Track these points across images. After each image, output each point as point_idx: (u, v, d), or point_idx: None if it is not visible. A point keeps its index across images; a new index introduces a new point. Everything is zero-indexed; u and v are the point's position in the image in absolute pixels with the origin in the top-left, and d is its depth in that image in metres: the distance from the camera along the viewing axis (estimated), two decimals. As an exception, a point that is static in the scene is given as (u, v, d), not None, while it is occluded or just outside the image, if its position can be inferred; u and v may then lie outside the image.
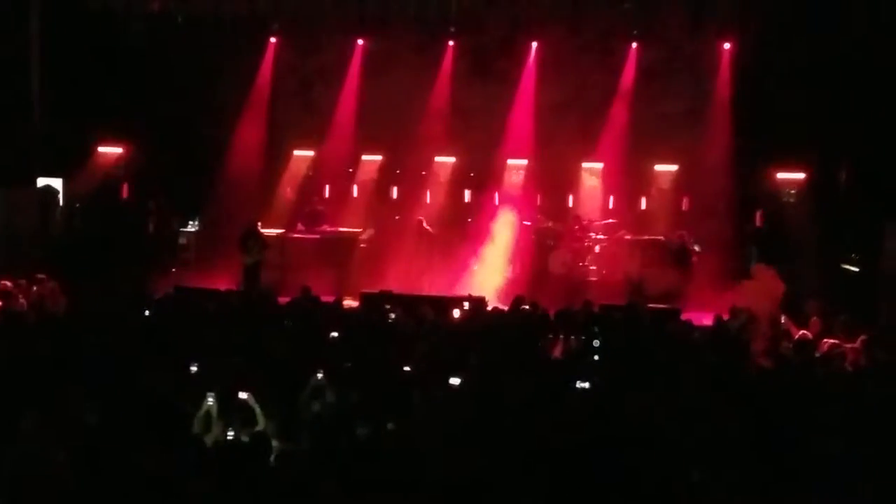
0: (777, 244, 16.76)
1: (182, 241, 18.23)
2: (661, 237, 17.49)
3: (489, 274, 17.37)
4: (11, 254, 15.64)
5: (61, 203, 17.73)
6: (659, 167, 18.39)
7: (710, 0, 16.06)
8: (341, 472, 6.35)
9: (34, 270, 13.49)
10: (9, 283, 12.13)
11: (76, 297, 12.44)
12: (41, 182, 17.51)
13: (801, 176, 17.39)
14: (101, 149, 18.06)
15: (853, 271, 16.11)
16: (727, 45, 17.97)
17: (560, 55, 18.32)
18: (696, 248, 17.00)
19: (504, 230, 17.88)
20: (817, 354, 10.52)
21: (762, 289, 13.79)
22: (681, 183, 18.29)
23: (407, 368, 9.50)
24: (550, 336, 10.78)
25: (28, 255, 15.71)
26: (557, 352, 10.40)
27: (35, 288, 12.57)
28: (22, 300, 11.83)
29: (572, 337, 10.70)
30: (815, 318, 12.10)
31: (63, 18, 17.21)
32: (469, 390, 8.84)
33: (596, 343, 10.50)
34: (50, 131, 17.20)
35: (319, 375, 8.64)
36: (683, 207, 18.16)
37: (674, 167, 18.36)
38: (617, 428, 7.51)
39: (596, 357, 10.06)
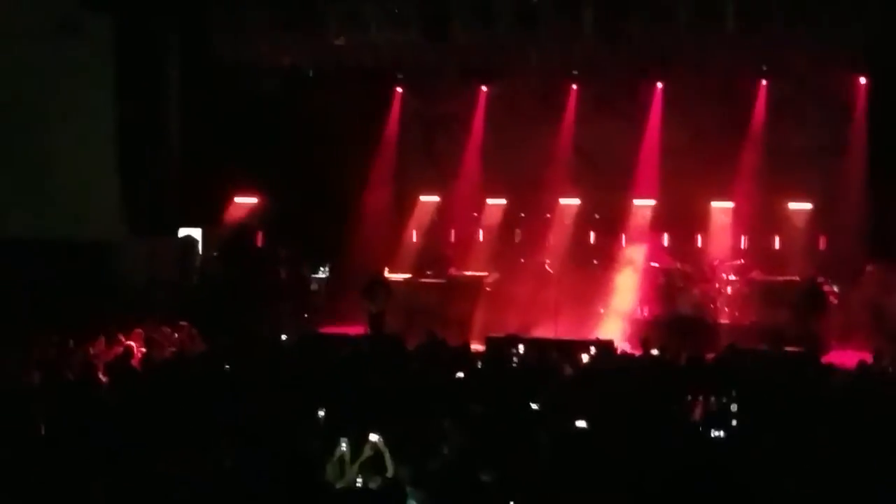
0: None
1: (313, 287, 18.68)
2: (797, 278, 16.91)
3: (617, 317, 17.18)
4: (154, 301, 16.29)
5: (200, 252, 18.44)
6: (793, 205, 17.86)
7: (839, 33, 15.49)
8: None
9: (175, 317, 14.04)
10: (151, 331, 12.67)
11: (214, 343, 12.87)
12: (182, 232, 18.27)
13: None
14: (237, 199, 18.73)
15: None
16: (862, 80, 17.42)
17: (685, 94, 18.12)
18: (835, 287, 16.39)
19: (632, 272, 17.68)
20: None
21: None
22: (816, 221, 17.72)
23: (535, 407, 9.46)
24: (689, 398, 10.50)
25: (169, 303, 16.36)
26: (697, 414, 10.11)
27: (176, 335, 13.07)
28: (168, 347, 12.31)
29: (712, 399, 10.37)
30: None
31: (200, 72, 17.94)
32: (598, 435, 8.73)
33: (734, 407, 10.13)
34: (189, 183, 17.90)
35: (447, 422, 8.70)
36: (820, 247, 17.57)
37: (808, 205, 17.81)
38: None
39: (735, 422, 9.72)
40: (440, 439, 8.55)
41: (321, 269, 18.84)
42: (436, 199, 19.61)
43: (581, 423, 8.95)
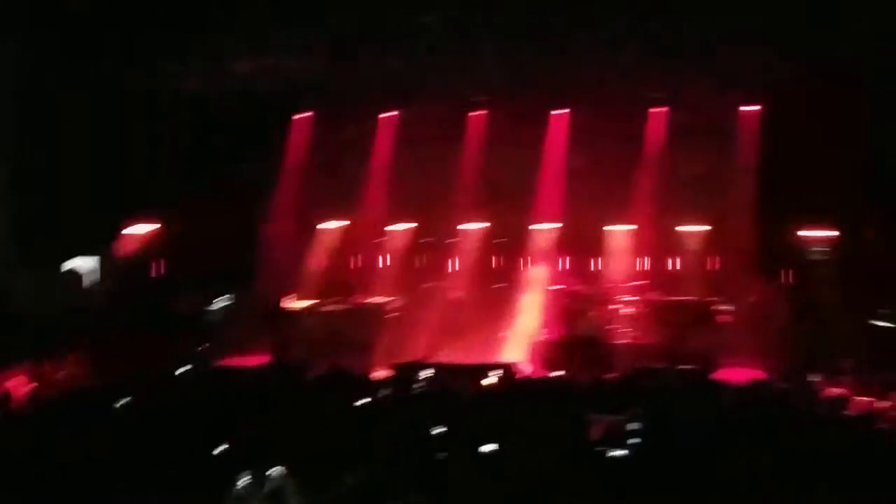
0: (809, 301, 16.63)
1: (213, 317, 18.34)
2: (692, 297, 17.38)
3: (520, 340, 17.37)
4: (45, 334, 15.75)
5: (94, 282, 17.92)
6: (688, 228, 18.39)
7: (734, 64, 16.09)
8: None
9: (67, 350, 13.63)
10: (41, 364, 12.26)
11: (108, 377, 12.51)
12: (75, 261, 17.73)
13: (831, 233, 17.22)
14: (133, 227, 18.30)
15: (886, 327, 15.86)
16: (753, 108, 18.04)
17: (586, 121, 18.52)
18: (728, 307, 16.95)
19: (535, 295, 17.93)
20: (852, 413, 10.35)
21: None
22: (710, 243, 18.26)
23: (438, 434, 9.45)
24: (591, 415, 10.66)
25: (61, 335, 15.84)
26: (597, 431, 10.27)
27: (67, 368, 12.68)
28: (59, 382, 11.92)
29: (610, 416, 10.55)
30: (848, 376, 11.95)
31: (96, 99, 17.54)
32: (505, 459, 8.78)
33: (633, 425, 10.31)
34: (83, 211, 17.44)
35: (352, 450, 8.64)
36: (714, 267, 18.15)
37: (703, 228, 18.35)
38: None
39: (638, 439, 9.89)
40: (344, 469, 8.49)
41: (222, 298, 18.52)
42: (340, 224, 19.52)
43: (488, 447, 9.00)
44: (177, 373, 13.59)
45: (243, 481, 7.71)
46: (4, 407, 10.61)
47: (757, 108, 18.05)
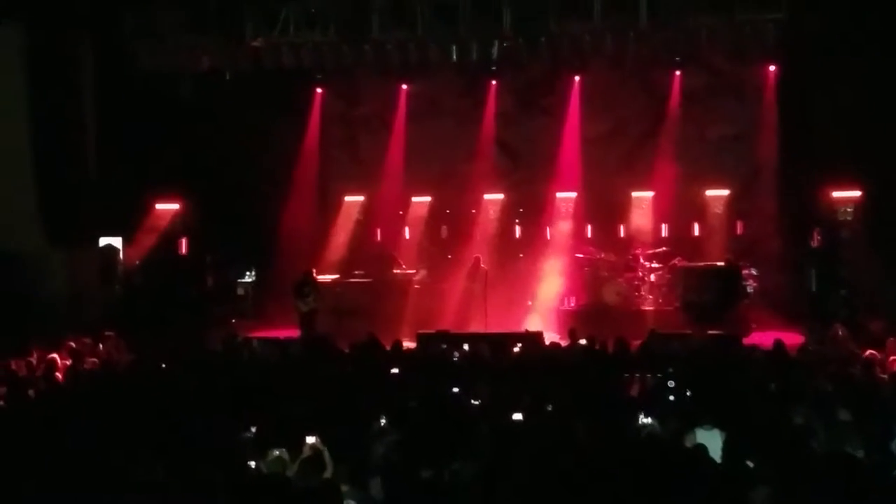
0: (836, 263, 16.50)
1: (240, 291, 18.47)
2: (717, 263, 17.28)
3: (544, 308, 17.39)
4: (76, 312, 15.95)
5: (122, 261, 18.09)
6: (710, 192, 18.23)
7: (750, 24, 15.87)
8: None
9: (98, 328, 13.78)
10: (75, 343, 12.40)
11: (140, 353, 12.65)
12: (102, 241, 17.90)
13: (856, 194, 16.97)
14: (158, 206, 18.42)
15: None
16: (772, 68, 17.87)
17: (603, 87, 18.41)
18: (753, 271, 16.85)
19: (557, 263, 17.92)
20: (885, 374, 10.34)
21: None
22: (734, 207, 18.13)
23: (468, 403, 9.52)
24: (626, 375, 10.70)
25: (91, 314, 16.03)
26: (634, 391, 10.30)
27: (101, 346, 12.82)
28: (91, 359, 12.05)
29: (648, 375, 10.59)
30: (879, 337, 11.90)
31: (116, 79, 17.62)
32: (535, 427, 8.83)
33: (671, 383, 10.33)
34: (108, 191, 17.58)
35: (382, 419, 8.75)
36: (738, 231, 18.01)
37: (725, 192, 18.21)
38: (687, 465, 7.46)
39: (672, 397, 9.91)
40: (378, 437, 8.57)
41: (248, 273, 18.63)
42: (360, 198, 19.55)
43: (517, 416, 9.06)
44: (208, 347, 13.73)
45: (280, 450, 7.82)
46: (48, 382, 10.72)
47: (773, 67, 17.86)
